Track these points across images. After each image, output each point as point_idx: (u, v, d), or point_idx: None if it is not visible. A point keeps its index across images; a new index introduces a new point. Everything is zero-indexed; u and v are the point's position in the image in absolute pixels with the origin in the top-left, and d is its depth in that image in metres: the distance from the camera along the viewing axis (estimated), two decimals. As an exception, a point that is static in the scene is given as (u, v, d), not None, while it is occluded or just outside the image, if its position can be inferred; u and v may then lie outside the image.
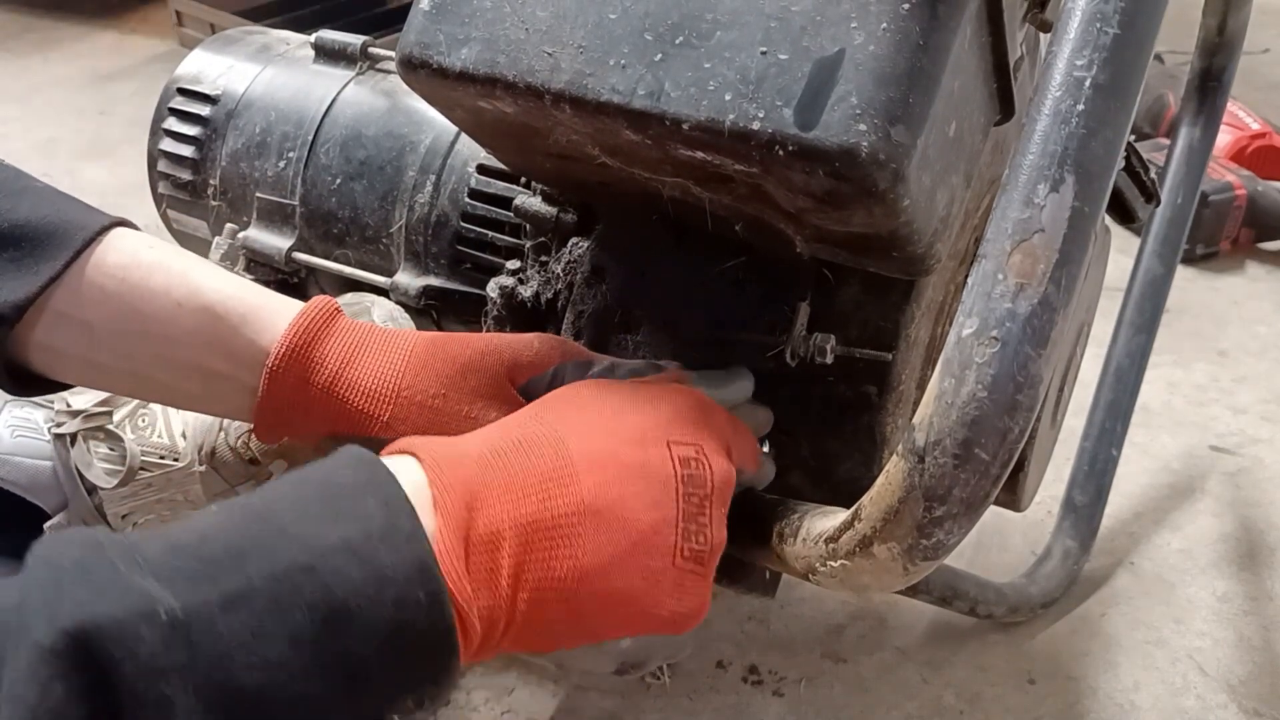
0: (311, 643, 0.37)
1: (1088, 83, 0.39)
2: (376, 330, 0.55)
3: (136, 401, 0.77)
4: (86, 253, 0.53)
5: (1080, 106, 0.39)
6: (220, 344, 0.54)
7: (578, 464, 0.44)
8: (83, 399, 0.77)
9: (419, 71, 0.52)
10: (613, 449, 0.45)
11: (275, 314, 0.55)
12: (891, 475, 0.41)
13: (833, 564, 0.45)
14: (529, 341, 0.55)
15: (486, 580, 0.42)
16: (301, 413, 0.54)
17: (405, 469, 0.43)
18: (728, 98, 0.46)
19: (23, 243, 0.53)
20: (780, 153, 0.45)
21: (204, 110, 0.84)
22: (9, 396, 0.79)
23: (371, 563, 0.39)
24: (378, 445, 0.46)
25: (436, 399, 0.53)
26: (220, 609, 0.36)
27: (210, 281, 0.55)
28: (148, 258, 0.55)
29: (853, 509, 0.44)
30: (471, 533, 0.42)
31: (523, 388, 0.54)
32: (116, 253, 0.54)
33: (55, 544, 0.36)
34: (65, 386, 0.59)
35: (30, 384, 0.57)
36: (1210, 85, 0.98)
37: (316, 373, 0.53)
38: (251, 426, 0.68)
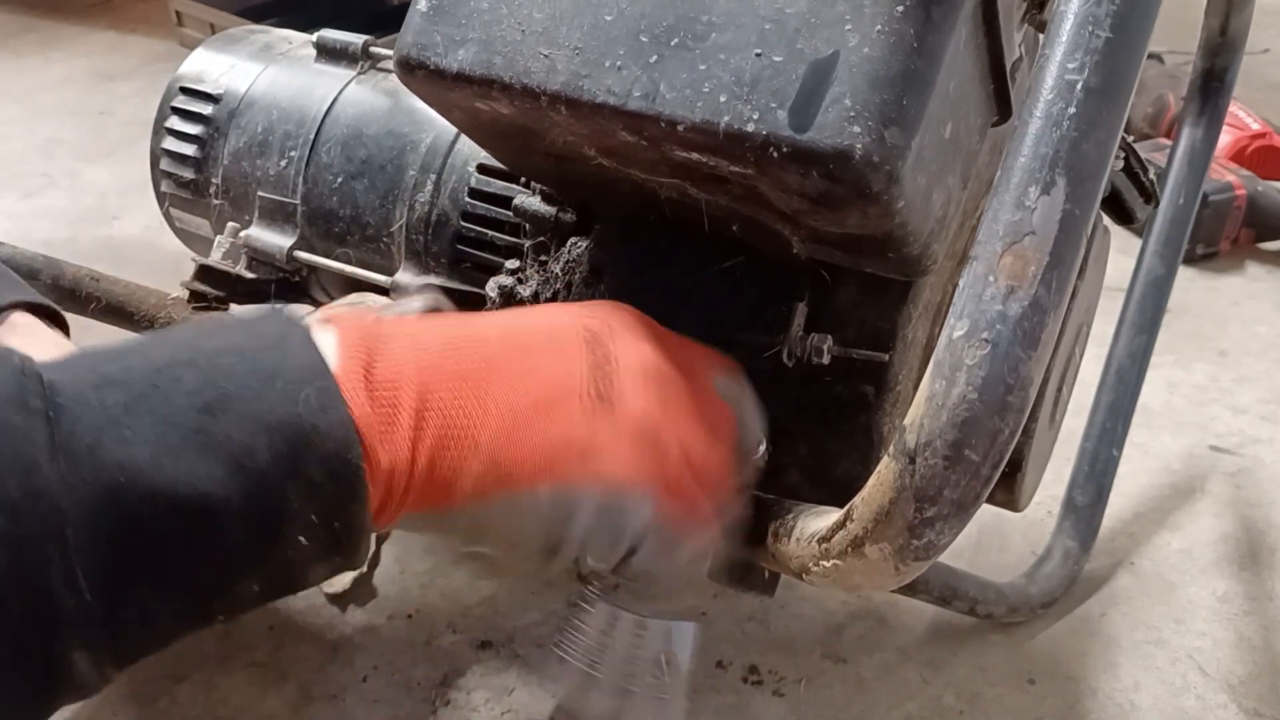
0: (192, 429, 0.36)
1: (1079, 85, 0.39)
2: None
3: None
4: None
5: (1072, 109, 0.39)
6: None
7: (485, 332, 0.45)
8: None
9: (416, 72, 0.53)
10: (520, 324, 0.47)
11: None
12: (883, 476, 0.41)
13: (825, 564, 0.46)
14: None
15: (387, 414, 0.40)
16: None
17: (318, 327, 0.42)
18: (722, 99, 0.46)
19: None
20: (774, 154, 0.46)
21: (206, 109, 0.84)
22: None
23: (258, 361, 0.38)
24: None
25: None
26: (93, 388, 0.36)
27: None
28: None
29: (844, 509, 0.44)
30: (373, 371, 0.41)
31: None
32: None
33: None
34: None
35: None
36: (1213, 86, 0.98)
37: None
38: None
